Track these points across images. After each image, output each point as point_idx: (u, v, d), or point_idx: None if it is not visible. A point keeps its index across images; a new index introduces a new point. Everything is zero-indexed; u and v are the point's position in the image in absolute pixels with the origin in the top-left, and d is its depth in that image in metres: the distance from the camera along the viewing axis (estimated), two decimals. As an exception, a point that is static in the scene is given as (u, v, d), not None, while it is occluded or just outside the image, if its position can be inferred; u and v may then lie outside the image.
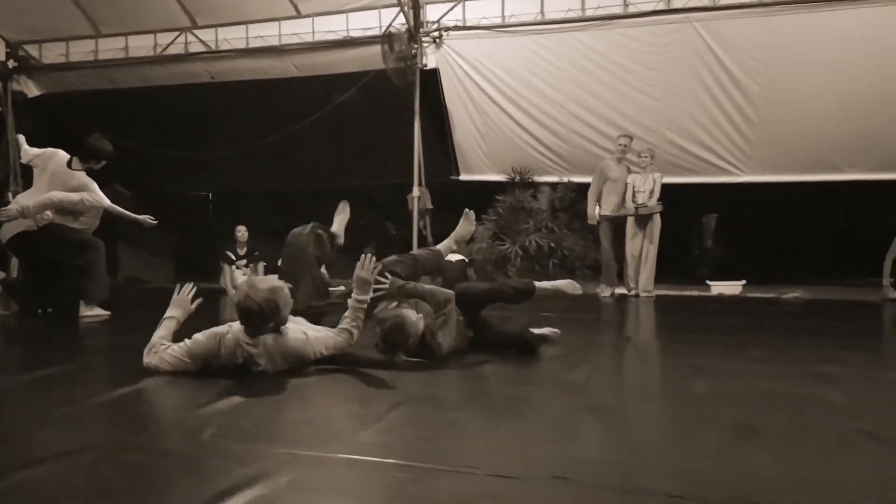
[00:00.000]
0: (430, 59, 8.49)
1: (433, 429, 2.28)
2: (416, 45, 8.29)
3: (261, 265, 8.08)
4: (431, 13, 8.43)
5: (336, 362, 3.17)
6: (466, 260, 8.52)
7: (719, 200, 9.16)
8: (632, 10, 7.77)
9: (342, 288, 8.12)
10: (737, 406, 2.58)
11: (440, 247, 4.26)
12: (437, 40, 8.44)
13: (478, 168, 9.13)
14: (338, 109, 8.73)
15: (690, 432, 2.27)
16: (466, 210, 4.28)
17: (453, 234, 4.30)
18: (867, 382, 3.03)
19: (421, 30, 8.35)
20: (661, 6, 7.65)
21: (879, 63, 7.12)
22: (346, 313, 3.22)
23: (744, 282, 7.84)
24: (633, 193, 7.41)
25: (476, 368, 3.28)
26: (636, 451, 2.08)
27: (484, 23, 8.22)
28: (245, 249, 8.26)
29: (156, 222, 5.52)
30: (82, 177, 5.28)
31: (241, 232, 8.28)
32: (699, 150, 8.02)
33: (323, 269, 7.93)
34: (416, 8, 8.25)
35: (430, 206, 8.69)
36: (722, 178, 8.06)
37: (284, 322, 3.06)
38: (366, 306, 3.22)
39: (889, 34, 7.09)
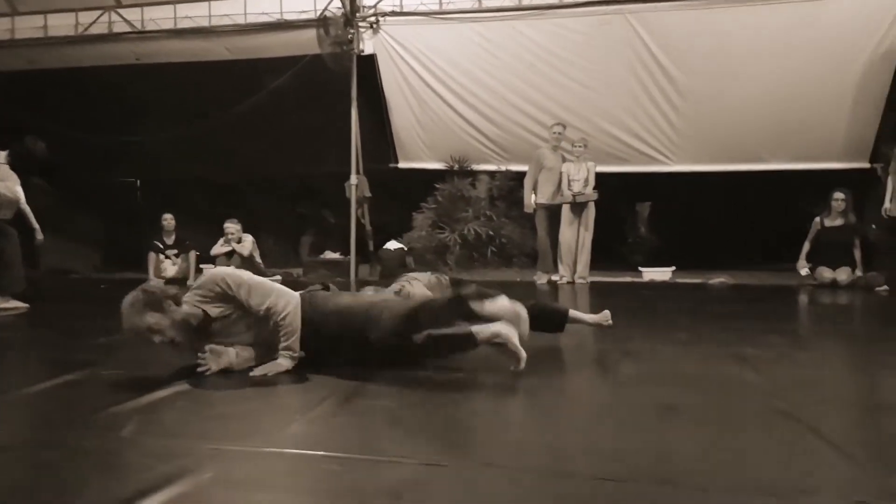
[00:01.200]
0: (368, 45, 8.40)
1: (365, 419, 2.26)
2: (352, 30, 8.17)
3: (192, 254, 7.84)
4: (367, -3, 8.34)
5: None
6: (405, 248, 8.56)
7: (652, 189, 9.40)
8: (567, 0, 7.87)
9: (278, 277, 7.99)
10: (661, 388, 2.66)
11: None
12: (374, 26, 8.34)
13: (416, 156, 9.10)
14: (272, 94, 8.54)
15: (617, 415, 2.33)
16: None
17: None
18: (783, 363, 3.17)
19: (357, 14, 8.24)
20: (595, -4, 7.78)
21: (799, 56, 7.45)
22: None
23: (673, 268, 8.09)
24: (569, 182, 7.53)
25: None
26: (563, 434, 2.12)
27: (421, 9, 8.18)
28: (173, 238, 7.99)
29: (41, 238, 5.61)
30: (5, 170, 5.19)
31: (168, 220, 8.00)
32: (631, 139, 8.22)
33: (259, 259, 7.79)
34: (353, -9, 8.15)
35: (368, 194, 8.62)
36: (652, 168, 8.29)
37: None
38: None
39: (809, 29, 7.42)
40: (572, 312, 3.49)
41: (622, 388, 2.73)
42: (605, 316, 3.50)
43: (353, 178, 8.48)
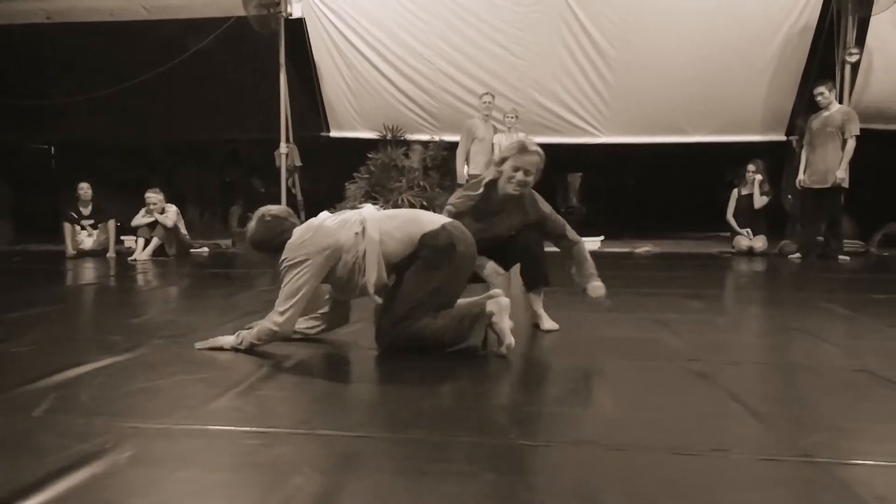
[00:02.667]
0: (296, 8, 8.13)
1: (296, 393, 2.23)
2: (279, -8, 7.89)
3: (111, 223, 7.49)
4: (296, -41, 8.05)
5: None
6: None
7: (583, 160, 9.57)
8: (499, -33, 7.82)
9: (205, 249, 7.75)
10: (585, 353, 2.73)
11: None
12: (302, -12, 8.08)
13: (349, 125, 8.94)
14: (196, 57, 8.18)
15: (540, 381, 2.38)
16: None
17: None
18: (703, 327, 3.31)
19: (285, -24, 7.96)
20: (528, -35, 7.75)
21: (721, 32, 7.67)
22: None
23: (602, 237, 8.29)
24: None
25: (342, 328, 3.24)
26: (486, 401, 2.15)
27: (351, -28, 7.96)
28: (90, 208, 7.60)
29: None
30: None
31: (84, 190, 7.58)
32: (562, 110, 8.30)
33: (184, 230, 7.52)
34: (280, -48, 7.84)
35: (298, 163, 8.43)
36: (582, 139, 8.42)
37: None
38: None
39: (730, 5, 7.63)
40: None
41: (547, 354, 2.79)
42: (551, 325, 3.20)
43: (283, 147, 8.26)
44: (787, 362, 2.71)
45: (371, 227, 2.69)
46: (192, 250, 7.58)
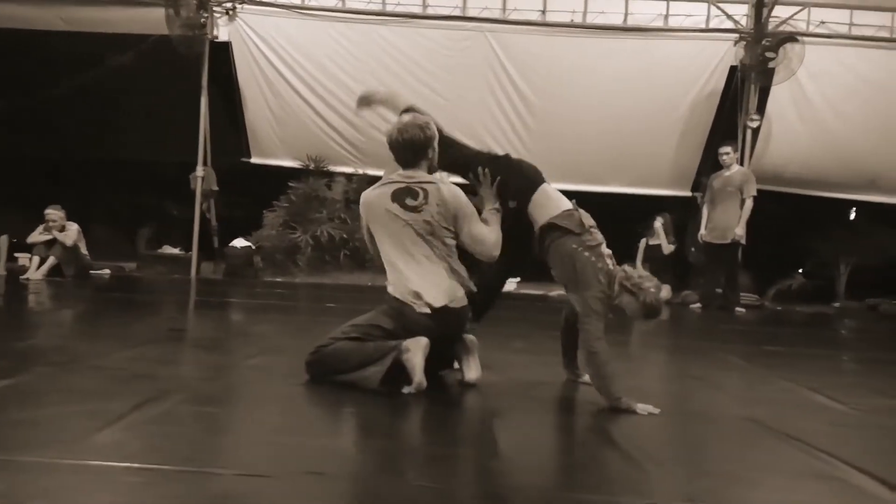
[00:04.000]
0: (223, 32, 8.01)
1: (184, 427, 2.12)
2: (206, 14, 7.75)
3: (3, 238, 7.01)
4: (226, -17, 7.96)
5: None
6: (252, 247, 8.19)
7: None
8: (430, 11, 8.01)
9: (106, 272, 7.37)
10: (491, 396, 2.74)
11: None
12: (231, 12, 7.97)
13: (271, 152, 8.80)
14: (114, 73, 7.87)
15: (445, 424, 2.37)
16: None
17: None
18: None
19: (212, -1, 7.84)
20: (458, 13, 7.98)
21: (635, 90, 8.09)
22: (488, 223, 2.87)
23: (518, 279, 8.43)
24: (424, 191, 7.63)
25: (245, 360, 3.14)
26: (392, 441, 2.12)
27: (282, 1, 7.93)
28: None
29: None
30: None
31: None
32: (486, 153, 8.48)
33: (84, 250, 7.11)
34: (209, -26, 7.74)
35: (215, 187, 8.20)
36: (504, 182, 8.61)
37: (436, 156, 2.86)
38: (499, 210, 2.87)
39: (644, 66, 8.08)
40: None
41: (455, 396, 2.78)
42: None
43: (200, 170, 8.03)
44: (681, 409, 2.80)
45: None
46: (92, 272, 7.18)
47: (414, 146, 2.82)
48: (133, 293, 6.30)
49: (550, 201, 2.85)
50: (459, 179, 2.98)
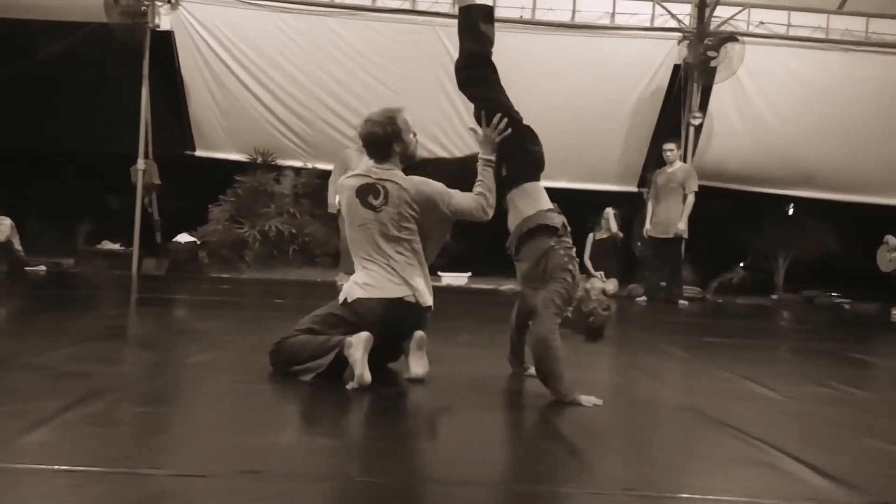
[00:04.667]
0: (165, 21, 7.76)
1: (117, 426, 2.05)
2: (146, 3, 7.50)
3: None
4: (167, -29, 7.73)
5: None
6: (197, 242, 7.98)
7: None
8: (380, 4, 7.94)
9: (42, 268, 7.10)
10: (439, 389, 2.74)
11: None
12: (173, 1, 7.73)
13: (216, 145, 8.59)
14: (48, 61, 7.56)
15: (390, 419, 2.35)
16: None
17: None
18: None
19: (154, -14, 7.60)
20: (408, 6, 7.93)
21: (583, 87, 8.20)
22: (478, 177, 2.84)
23: (469, 274, 8.47)
24: (373, 184, 7.57)
25: (186, 358, 3.06)
26: (335, 437, 2.09)
27: (227, -10, 7.75)
28: None
29: None
30: None
31: None
32: (436, 148, 8.44)
33: (18, 246, 6.82)
34: (149, -38, 7.50)
35: (157, 181, 7.97)
36: (455, 176, 8.61)
37: (410, 147, 2.92)
38: (493, 165, 2.83)
39: (591, 63, 8.19)
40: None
41: (404, 388, 2.77)
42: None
43: (141, 163, 7.79)
44: (624, 400, 2.86)
45: None
46: (26, 268, 6.90)
47: (377, 141, 2.86)
48: (70, 290, 6.08)
49: (541, 196, 2.89)
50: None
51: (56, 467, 1.65)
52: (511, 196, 2.85)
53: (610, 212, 8.08)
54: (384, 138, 2.85)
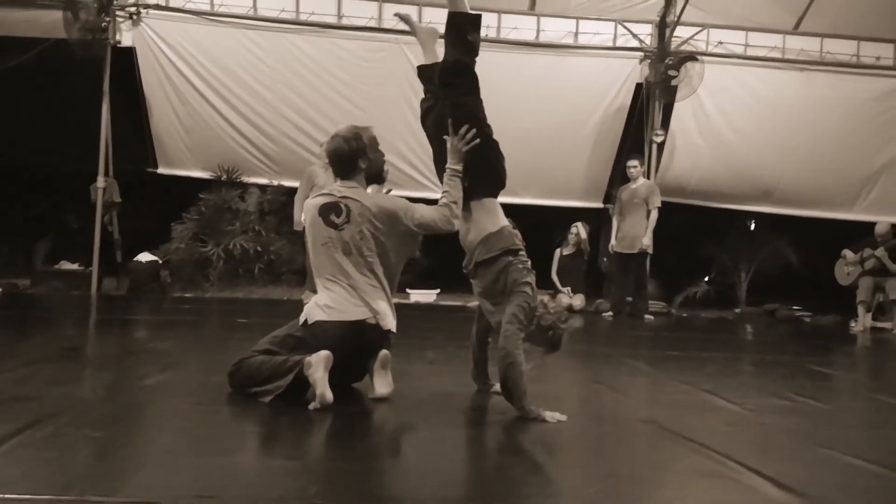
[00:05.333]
0: (126, 37, 7.66)
1: (66, 451, 1.98)
2: (107, 18, 7.40)
3: None
4: (129, -14, 7.65)
5: None
6: (159, 261, 7.82)
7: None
8: (345, 22, 7.96)
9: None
10: (398, 408, 2.70)
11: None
12: (135, 17, 7.64)
13: (179, 162, 8.47)
14: (4, 78, 7.38)
15: (351, 438, 2.32)
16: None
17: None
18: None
19: (115, 2, 7.50)
20: (373, 24, 7.96)
21: (549, 104, 8.30)
22: (444, 187, 2.82)
23: (438, 290, 8.46)
24: (339, 201, 7.54)
25: (142, 380, 2.98)
26: (295, 458, 2.05)
27: (190, 7, 7.68)
28: None
29: None
30: None
31: None
32: (403, 165, 8.47)
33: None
34: (110, -23, 7.41)
35: (117, 199, 7.81)
36: (422, 193, 8.61)
37: (379, 167, 2.95)
38: (461, 175, 2.80)
39: (556, 81, 8.31)
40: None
41: (367, 407, 2.73)
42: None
43: (101, 181, 7.63)
44: (588, 414, 2.87)
45: None
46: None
47: (342, 157, 2.87)
48: (25, 311, 5.90)
49: (499, 211, 2.89)
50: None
51: (3, 496, 1.59)
52: (469, 208, 2.84)
53: (580, 226, 8.13)
54: (349, 154, 2.85)
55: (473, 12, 2.95)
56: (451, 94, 2.91)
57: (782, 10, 8.39)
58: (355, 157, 2.85)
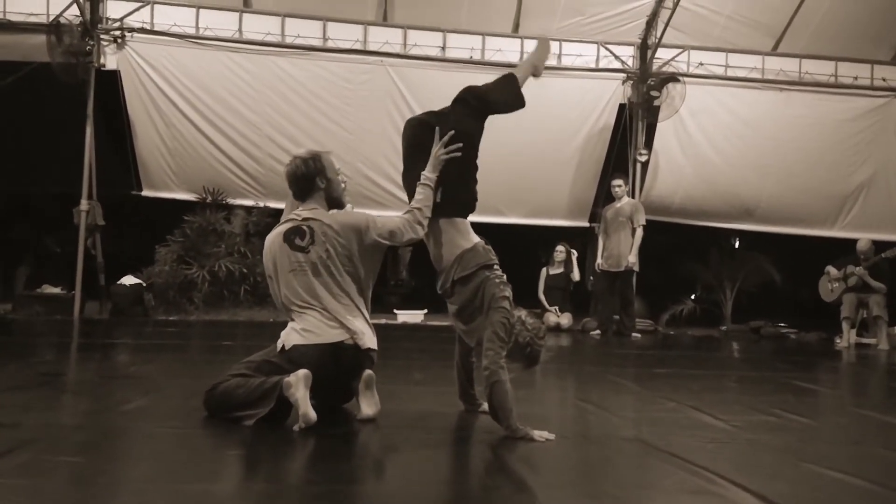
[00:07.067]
0: (111, 60, 7.67)
1: (41, 479, 1.93)
2: (91, 42, 7.41)
3: None
4: (113, 10, 7.68)
5: None
6: (143, 284, 7.73)
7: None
8: (330, 45, 8.01)
9: None
10: (384, 429, 2.67)
11: (517, 74, 3.27)
12: (119, 40, 7.66)
13: (164, 184, 8.43)
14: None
15: (334, 460, 2.29)
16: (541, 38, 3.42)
17: (530, 59, 3.40)
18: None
19: (99, 26, 7.51)
20: (358, 46, 8.02)
21: (532, 125, 8.33)
22: (415, 194, 2.82)
23: (426, 311, 8.43)
24: (326, 223, 7.53)
25: (123, 405, 2.93)
26: (276, 482, 2.02)
27: (175, 30, 7.71)
28: None
29: None
30: None
31: None
32: (388, 184, 8.48)
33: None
34: (95, 1, 7.42)
35: (101, 222, 7.74)
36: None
37: (336, 188, 2.91)
38: (433, 184, 2.80)
39: (538, 101, 8.33)
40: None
41: (350, 428, 2.70)
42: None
43: (84, 204, 7.57)
44: (575, 433, 2.84)
45: None
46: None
47: (297, 179, 2.87)
48: (5, 336, 5.80)
49: (470, 230, 2.89)
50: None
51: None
52: (438, 225, 2.83)
53: (563, 249, 8.18)
54: (307, 174, 2.85)
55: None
56: (460, 109, 2.93)
57: (761, 31, 8.56)
58: (313, 176, 2.86)
